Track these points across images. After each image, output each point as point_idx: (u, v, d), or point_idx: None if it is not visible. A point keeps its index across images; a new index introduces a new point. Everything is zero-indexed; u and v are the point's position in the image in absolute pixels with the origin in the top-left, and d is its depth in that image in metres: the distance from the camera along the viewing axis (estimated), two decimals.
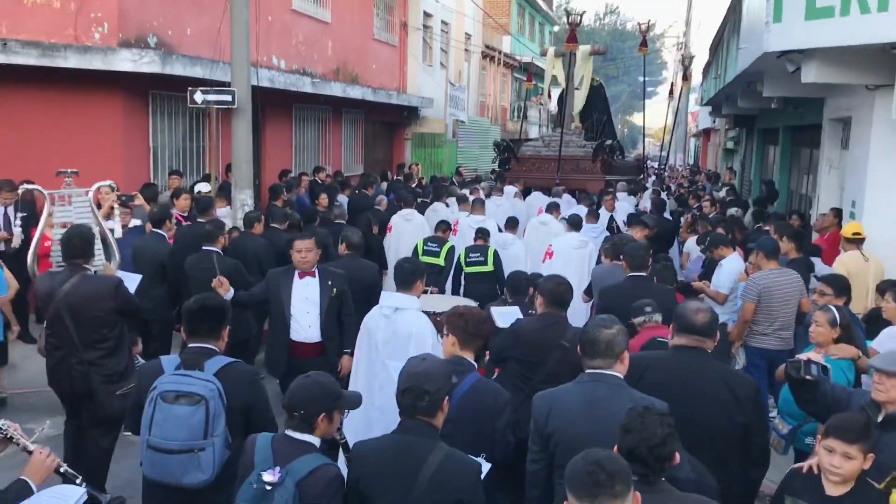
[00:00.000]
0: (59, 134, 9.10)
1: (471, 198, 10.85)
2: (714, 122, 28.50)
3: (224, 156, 10.66)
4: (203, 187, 9.06)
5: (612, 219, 10.50)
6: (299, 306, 5.30)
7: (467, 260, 8.00)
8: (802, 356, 3.75)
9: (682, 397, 3.32)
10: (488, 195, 12.67)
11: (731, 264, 7.28)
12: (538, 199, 13.52)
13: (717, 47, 16.27)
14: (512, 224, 9.23)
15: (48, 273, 5.26)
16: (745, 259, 8.60)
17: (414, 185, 14.94)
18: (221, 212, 8.78)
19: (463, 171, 20.17)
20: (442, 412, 2.99)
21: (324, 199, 10.78)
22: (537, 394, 3.35)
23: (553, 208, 10.64)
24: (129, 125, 9.59)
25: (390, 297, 4.67)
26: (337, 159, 16.02)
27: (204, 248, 6.52)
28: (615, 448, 2.60)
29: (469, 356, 3.75)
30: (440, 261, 8.01)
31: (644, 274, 5.90)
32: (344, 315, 5.40)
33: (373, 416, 4.39)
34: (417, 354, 3.28)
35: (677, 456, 2.68)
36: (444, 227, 8.76)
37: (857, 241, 7.17)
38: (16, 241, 7.66)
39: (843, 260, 7.07)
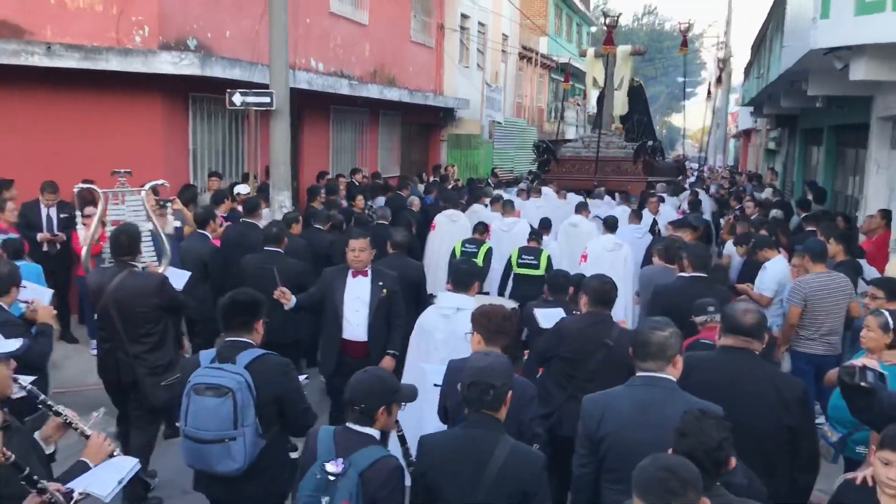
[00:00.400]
0: (102, 136, 9.22)
1: (505, 197, 10.86)
2: (755, 122, 27.96)
3: (263, 157, 10.73)
4: (242, 189, 9.13)
5: (654, 222, 10.34)
6: (350, 305, 5.37)
7: (519, 261, 8.01)
8: (857, 362, 3.60)
9: (728, 398, 3.24)
10: (527, 196, 12.62)
11: (776, 267, 7.11)
12: (577, 200, 13.40)
13: (759, 46, 15.95)
14: (545, 226, 9.26)
15: (99, 269, 5.54)
16: (790, 261, 8.47)
17: (450, 187, 14.90)
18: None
19: (499, 172, 20.10)
20: (505, 406, 3.06)
21: (360, 200, 10.82)
22: (587, 397, 3.31)
23: (582, 208, 10.60)
24: (169, 127, 9.69)
25: (450, 297, 4.84)
26: (374, 161, 16.05)
27: (266, 248, 6.50)
28: (671, 451, 2.58)
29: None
30: (478, 261, 8.04)
31: (704, 275, 5.81)
32: (393, 316, 5.43)
33: (426, 415, 4.39)
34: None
35: (733, 460, 2.65)
36: (482, 228, 8.83)
37: None
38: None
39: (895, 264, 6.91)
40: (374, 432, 3.01)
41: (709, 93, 21.20)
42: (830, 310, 6.11)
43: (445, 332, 4.67)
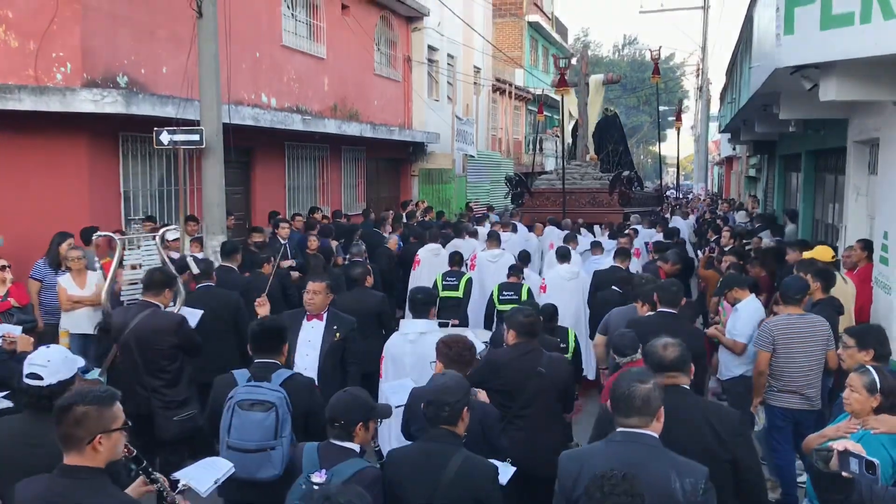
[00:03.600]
0: (22, 180, 8.54)
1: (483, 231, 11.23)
2: (735, 149, 27.59)
3: (200, 199, 10.03)
4: (170, 235, 8.35)
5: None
6: (301, 349, 5.40)
7: (500, 297, 7.90)
8: (837, 444, 2.89)
9: (664, 439, 3.06)
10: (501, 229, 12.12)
11: (749, 308, 6.41)
12: (552, 232, 12.92)
13: (731, 69, 15.52)
14: (524, 258, 9.32)
15: (122, 307, 6.01)
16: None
17: (416, 223, 14.21)
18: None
19: (474, 207, 19.49)
20: (463, 421, 3.33)
21: (313, 241, 10.10)
22: (564, 453, 3.21)
23: (570, 240, 10.35)
24: (96, 169, 9.02)
25: (413, 323, 5.14)
26: (336, 198, 15.39)
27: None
28: None
29: None
30: (459, 293, 8.28)
31: (674, 311, 5.63)
32: (348, 363, 5.40)
33: (393, 432, 4.66)
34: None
35: None
36: (458, 258, 8.81)
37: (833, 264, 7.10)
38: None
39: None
40: (355, 446, 3.32)
41: (678, 123, 20.79)
42: (804, 358, 5.41)
43: (413, 356, 4.98)
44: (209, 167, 8.37)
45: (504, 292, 7.90)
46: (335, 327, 5.36)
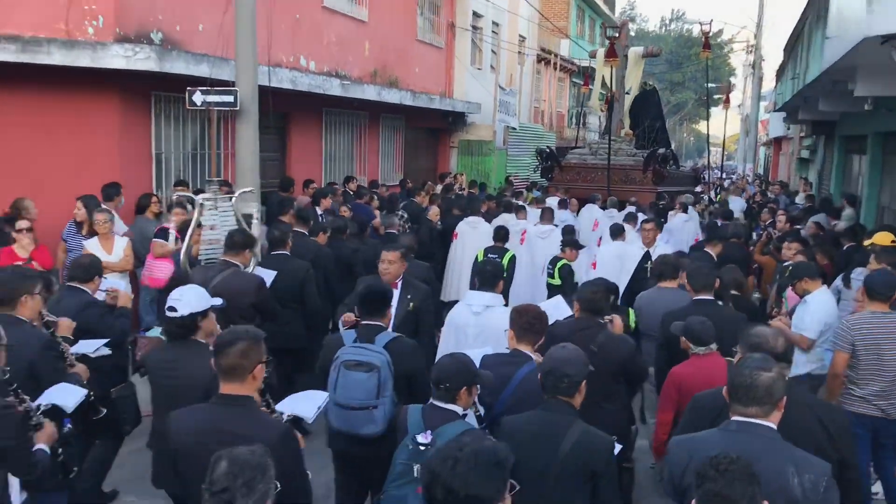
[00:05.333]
0: (49, 137, 8.23)
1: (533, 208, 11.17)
2: (788, 129, 26.48)
3: (234, 164, 9.65)
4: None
5: (646, 255, 8.90)
6: None
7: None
8: None
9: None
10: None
11: (819, 300, 5.85)
12: (592, 210, 12.38)
13: (794, 45, 14.66)
14: (570, 232, 9.14)
15: (202, 266, 6.14)
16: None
17: (454, 197, 13.72)
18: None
19: (514, 181, 18.93)
20: (579, 394, 3.37)
21: (344, 212, 9.71)
22: (674, 438, 3.13)
23: (630, 219, 9.93)
24: (127, 130, 8.66)
25: (479, 296, 5.11)
26: (374, 168, 14.95)
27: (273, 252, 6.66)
28: None
29: (525, 348, 4.10)
30: None
31: (710, 297, 5.37)
32: (421, 334, 5.45)
33: None
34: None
35: None
36: (504, 233, 8.60)
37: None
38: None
39: None
40: (457, 408, 3.45)
41: (726, 104, 19.86)
42: (889, 361, 4.87)
43: (476, 328, 4.99)
44: (243, 131, 7.94)
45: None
46: (409, 297, 5.50)
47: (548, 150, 16.36)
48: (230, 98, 7.72)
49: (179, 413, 3.11)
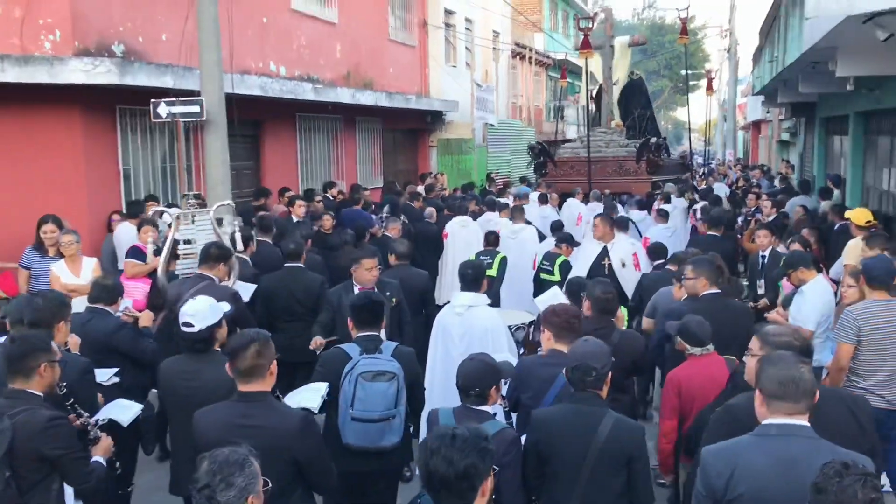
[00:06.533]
0: (6, 158, 7.91)
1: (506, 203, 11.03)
2: (767, 112, 26.42)
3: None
4: (168, 217, 7.67)
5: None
6: None
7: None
8: None
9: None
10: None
11: (816, 290, 5.67)
12: (574, 205, 12.23)
13: (770, 27, 14.53)
14: (559, 227, 9.38)
15: (178, 280, 6.12)
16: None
17: (436, 196, 13.48)
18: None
19: (495, 178, 18.73)
20: (606, 385, 3.48)
21: (327, 220, 9.44)
22: (706, 449, 2.96)
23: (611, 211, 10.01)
24: (93, 146, 8.35)
25: (462, 296, 5.15)
26: (352, 172, 14.66)
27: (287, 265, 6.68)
28: None
29: (564, 349, 3.99)
30: (493, 272, 8.13)
31: (717, 291, 5.28)
32: (404, 323, 5.76)
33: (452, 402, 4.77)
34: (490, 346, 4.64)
35: None
36: (493, 237, 8.69)
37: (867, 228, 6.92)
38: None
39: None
40: (489, 409, 3.50)
41: (709, 87, 19.75)
42: (891, 351, 4.68)
43: (461, 328, 5.05)
44: (212, 141, 7.67)
45: (480, 257, 8.08)
46: (388, 294, 5.59)
47: (540, 146, 16.16)
48: (196, 108, 7.45)
49: (204, 412, 3.30)
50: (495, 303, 7.69)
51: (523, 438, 3.56)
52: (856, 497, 2.19)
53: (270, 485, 2.57)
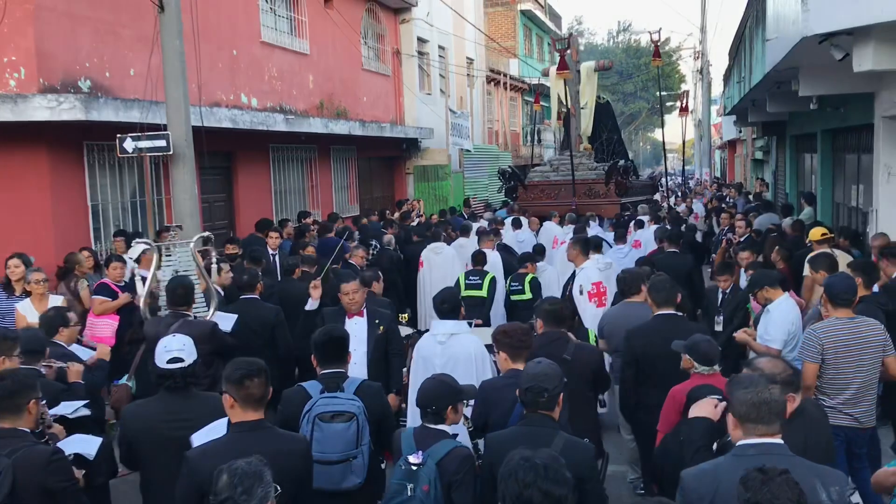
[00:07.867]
0: None
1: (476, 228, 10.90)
2: (740, 131, 26.74)
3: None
4: (134, 251, 7.58)
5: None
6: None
7: (466, 283, 8.15)
8: None
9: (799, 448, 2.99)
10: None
11: (782, 309, 5.68)
12: (551, 227, 12.28)
13: (737, 48, 14.75)
14: (540, 251, 9.41)
15: (155, 318, 5.96)
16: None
17: (414, 223, 13.48)
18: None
19: (472, 203, 18.78)
20: (559, 406, 3.47)
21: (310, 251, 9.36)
22: (687, 472, 3.01)
23: (580, 232, 10.23)
24: (60, 182, 8.29)
25: (443, 324, 5.08)
26: (327, 201, 14.65)
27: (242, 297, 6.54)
28: None
29: (521, 366, 3.93)
30: (483, 293, 8.16)
31: (673, 311, 5.17)
32: (391, 354, 5.65)
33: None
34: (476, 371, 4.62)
35: None
36: (481, 257, 8.59)
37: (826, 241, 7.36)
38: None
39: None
40: (447, 428, 3.56)
41: (681, 109, 19.99)
42: (856, 367, 4.69)
43: (443, 357, 4.98)
44: (179, 175, 7.65)
45: (470, 278, 8.16)
46: (377, 321, 5.61)
47: (510, 170, 16.41)
48: (162, 143, 7.44)
49: (200, 452, 3.21)
50: (486, 322, 7.77)
51: None
52: (780, 499, 2.35)
53: (280, 490, 2.67)
